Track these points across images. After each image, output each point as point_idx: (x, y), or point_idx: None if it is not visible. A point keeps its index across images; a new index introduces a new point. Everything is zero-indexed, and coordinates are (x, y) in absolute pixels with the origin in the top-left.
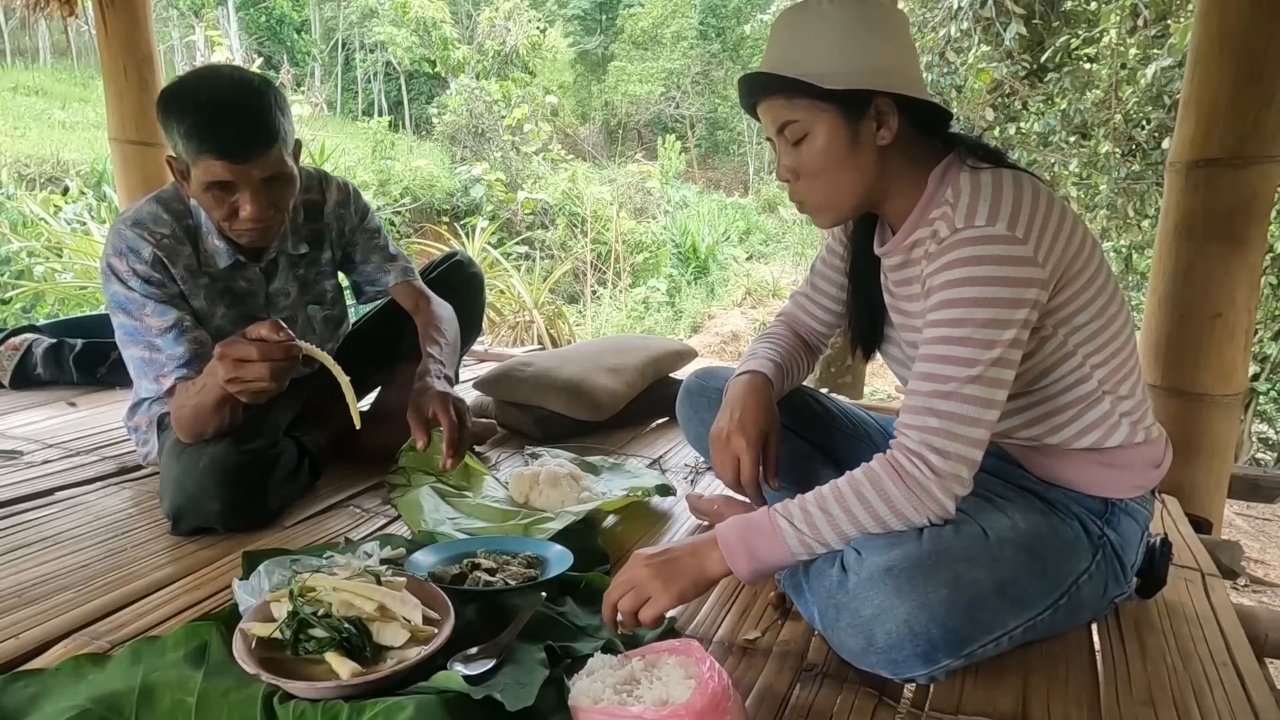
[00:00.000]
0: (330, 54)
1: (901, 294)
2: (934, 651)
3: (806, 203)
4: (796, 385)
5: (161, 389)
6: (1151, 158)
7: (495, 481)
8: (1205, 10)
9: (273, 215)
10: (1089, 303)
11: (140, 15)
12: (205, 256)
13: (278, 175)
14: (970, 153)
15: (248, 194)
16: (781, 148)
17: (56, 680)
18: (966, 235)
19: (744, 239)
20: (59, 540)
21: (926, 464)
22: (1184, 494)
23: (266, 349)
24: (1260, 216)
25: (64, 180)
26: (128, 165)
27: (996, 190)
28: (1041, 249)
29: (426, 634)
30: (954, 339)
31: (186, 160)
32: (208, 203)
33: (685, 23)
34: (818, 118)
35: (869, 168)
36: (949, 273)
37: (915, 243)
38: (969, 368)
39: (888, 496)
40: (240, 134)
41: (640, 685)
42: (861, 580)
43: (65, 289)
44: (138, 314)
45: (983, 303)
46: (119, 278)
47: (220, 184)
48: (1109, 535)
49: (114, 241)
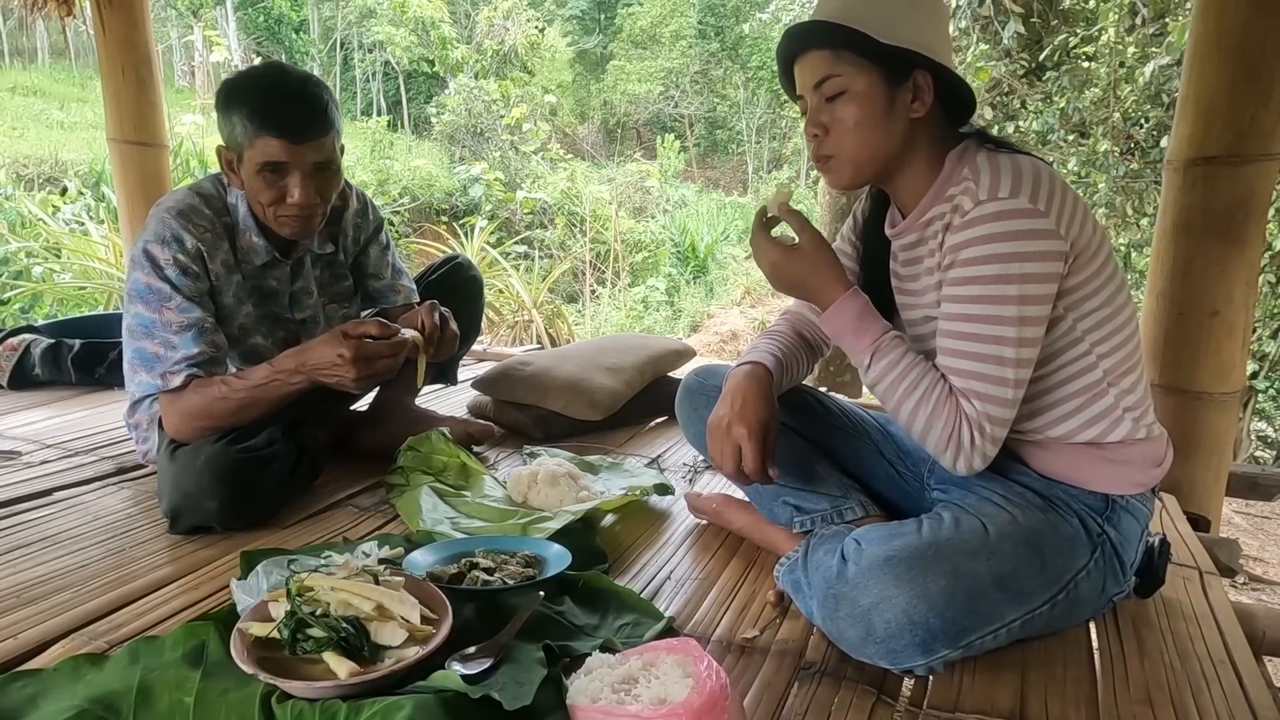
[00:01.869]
0: (329, 54)
1: (908, 274)
2: (932, 641)
3: (832, 158)
4: (796, 383)
5: (166, 385)
6: (1150, 156)
7: (494, 481)
8: (1203, 9)
9: (317, 205)
10: (1099, 289)
11: (138, 15)
12: (241, 253)
13: (328, 164)
14: (986, 141)
15: (299, 177)
16: (815, 103)
17: (54, 680)
18: (992, 209)
19: (743, 238)
20: (58, 540)
21: (982, 435)
22: (1182, 492)
23: (395, 345)
24: (1258, 214)
25: (62, 180)
26: (126, 165)
27: (1016, 169)
28: (1062, 223)
29: (425, 633)
30: (987, 317)
31: (242, 143)
32: (258, 186)
33: (684, 22)
34: (860, 76)
35: (897, 135)
36: (976, 248)
37: (931, 219)
38: (1002, 346)
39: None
40: (302, 115)
41: (638, 684)
42: (861, 570)
43: (64, 289)
44: (158, 307)
45: (1013, 278)
46: (155, 264)
47: (274, 165)
48: (1108, 532)
49: (156, 229)
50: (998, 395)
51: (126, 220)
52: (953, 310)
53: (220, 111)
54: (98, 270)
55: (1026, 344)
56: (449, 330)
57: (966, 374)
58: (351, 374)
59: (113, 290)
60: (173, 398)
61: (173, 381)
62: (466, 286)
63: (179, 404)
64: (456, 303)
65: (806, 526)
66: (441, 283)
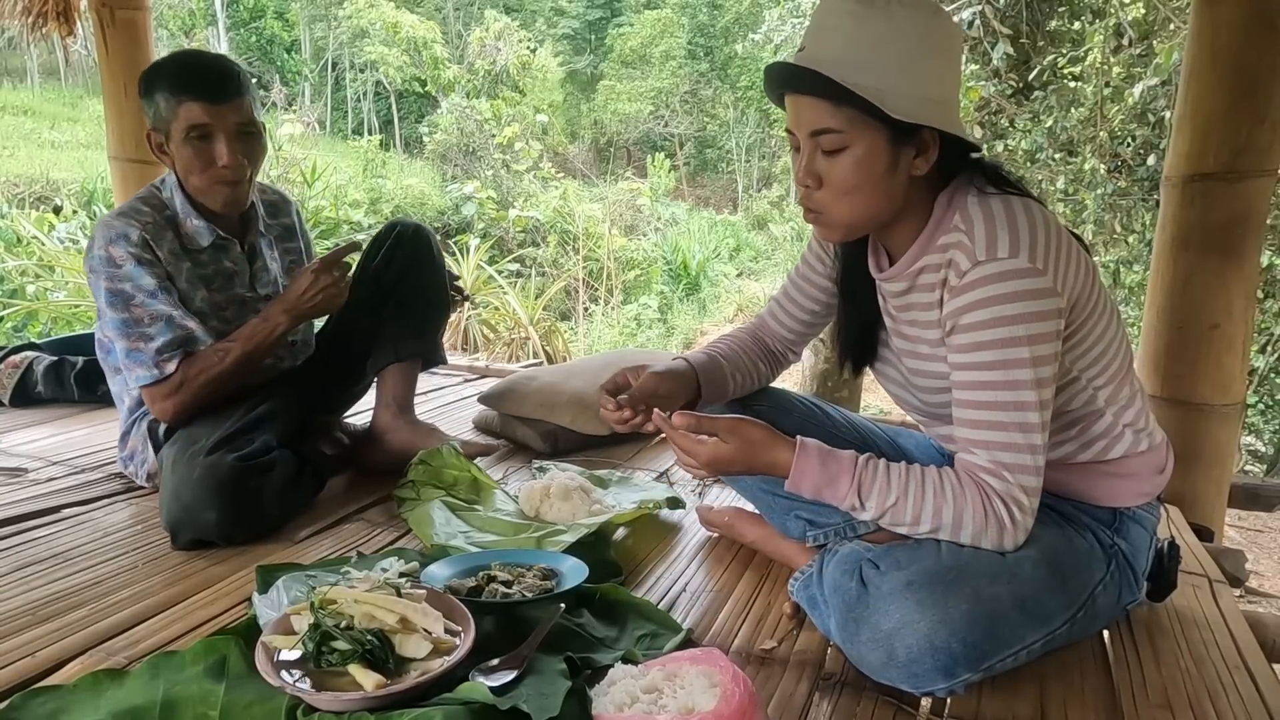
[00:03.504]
0: (321, 74)
1: (904, 319)
2: (954, 666)
3: (823, 215)
4: (750, 388)
5: (163, 373)
6: (1137, 174)
7: (505, 495)
8: (1199, 28)
9: (244, 167)
10: (1091, 330)
11: (141, 34)
12: (186, 239)
13: (250, 125)
14: (978, 175)
15: (224, 140)
16: (809, 150)
17: (76, 696)
18: (992, 271)
19: (734, 256)
20: (69, 557)
21: (1020, 508)
22: (1186, 503)
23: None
24: (1255, 229)
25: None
26: (127, 183)
27: (1011, 219)
28: (1059, 279)
29: (448, 645)
30: (1004, 383)
31: (167, 118)
32: (187, 156)
33: (674, 42)
34: (863, 134)
35: (898, 194)
36: (979, 312)
37: (923, 269)
38: (1024, 411)
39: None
40: (217, 78)
41: (663, 695)
42: (882, 594)
43: (58, 307)
44: (126, 306)
45: (1023, 340)
46: (112, 263)
47: (199, 130)
48: (1120, 544)
49: (103, 234)
50: (1028, 463)
51: None
52: (966, 379)
53: (144, 97)
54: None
55: (1045, 405)
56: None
57: (993, 445)
58: (332, 279)
59: None
60: (172, 383)
61: (167, 368)
62: (418, 249)
63: (177, 384)
64: (417, 274)
65: (820, 541)
66: (392, 258)
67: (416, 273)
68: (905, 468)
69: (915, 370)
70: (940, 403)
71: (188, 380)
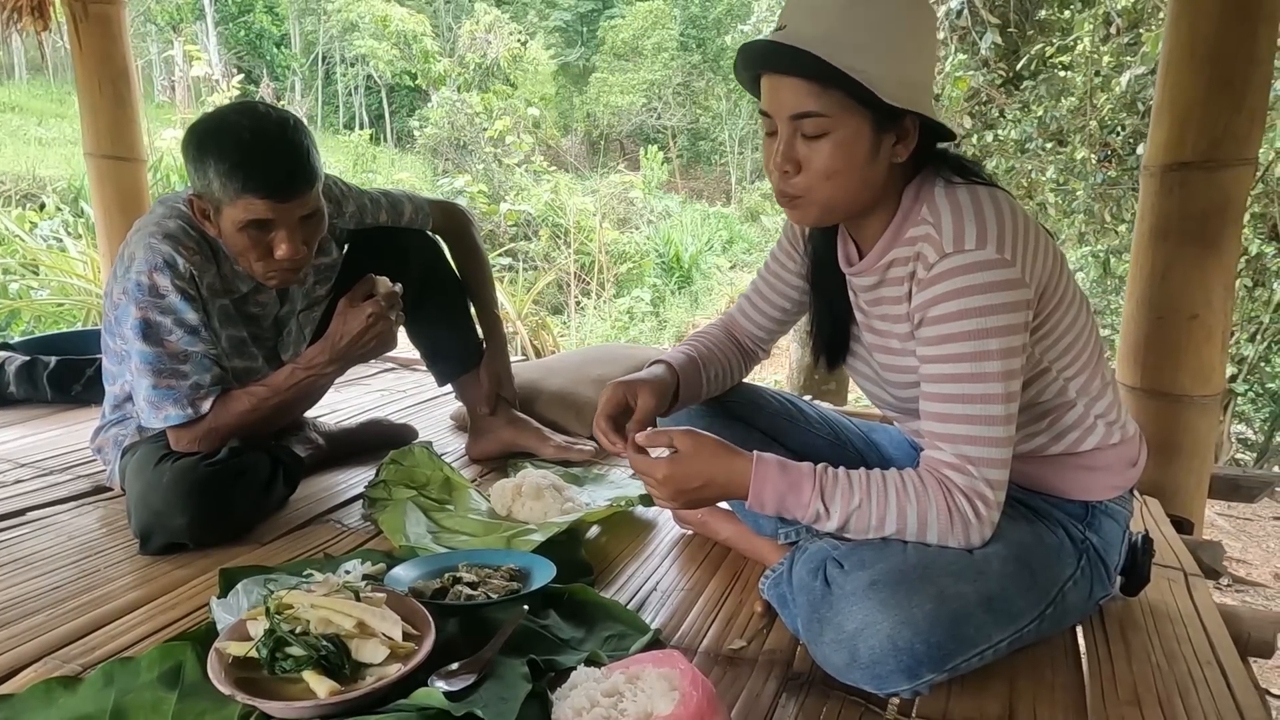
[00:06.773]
0: (310, 68)
1: (875, 313)
2: (917, 666)
3: (803, 199)
4: (723, 386)
5: (198, 413)
6: (1127, 163)
7: (478, 495)
8: (1176, 17)
9: (305, 256)
10: (1060, 319)
11: (115, 29)
12: (226, 281)
13: (314, 213)
14: (944, 166)
15: (284, 233)
16: (787, 133)
17: (26, 705)
18: (959, 263)
19: (727, 248)
20: (31, 562)
21: (985, 502)
22: (1165, 495)
23: (387, 288)
24: (1234, 219)
25: (40, 196)
26: (103, 180)
27: (978, 210)
28: (1027, 269)
29: (407, 650)
30: (971, 376)
31: (220, 199)
32: (240, 243)
33: (666, 34)
34: (848, 119)
35: (877, 181)
36: (947, 304)
37: (892, 263)
38: (990, 404)
39: (929, 526)
40: (286, 171)
41: (624, 698)
42: (845, 594)
43: (41, 306)
44: (161, 338)
45: (991, 332)
46: (156, 292)
47: (258, 223)
48: (1091, 539)
49: (147, 256)
50: (995, 456)
51: (104, 236)
52: (934, 372)
53: (192, 162)
54: (75, 287)
55: (1012, 398)
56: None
57: (959, 439)
58: (390, 316)
59: (91, 306)
60: (205, 424)
61: (202, 406)
62: (430, 260)
63: (210, 425)
64: (435, 285)
65: (792, 538)
66: (403, 253)
67: (437, 283)
68: (865, 472)
69: (887, 365)
70: (911, 397)
71: (220, 422)
